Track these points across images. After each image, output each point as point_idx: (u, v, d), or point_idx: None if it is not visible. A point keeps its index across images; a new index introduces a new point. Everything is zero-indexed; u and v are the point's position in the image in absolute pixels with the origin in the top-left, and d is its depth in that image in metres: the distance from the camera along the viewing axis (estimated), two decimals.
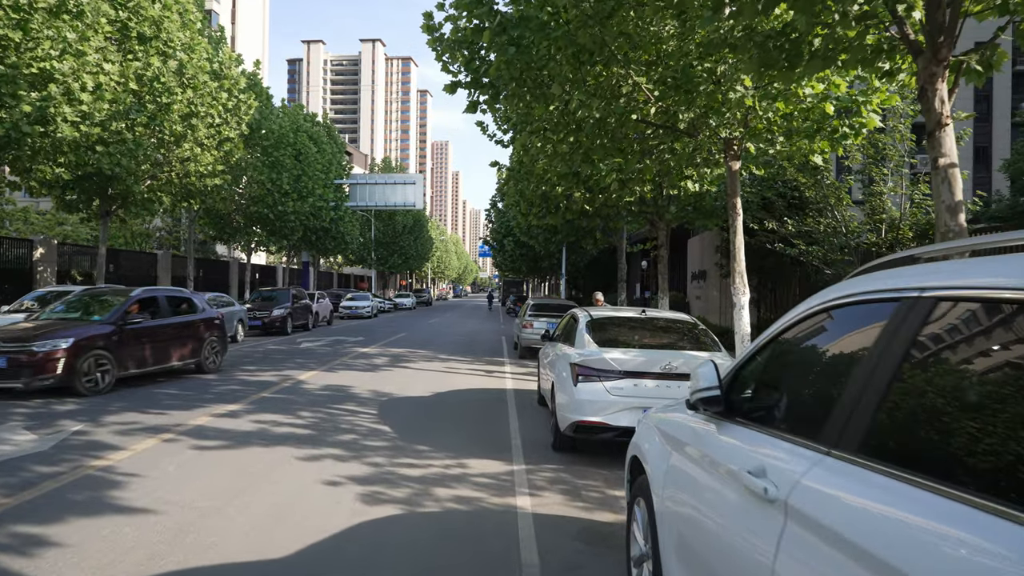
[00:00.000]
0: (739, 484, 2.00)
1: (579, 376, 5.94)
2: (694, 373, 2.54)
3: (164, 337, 10.77)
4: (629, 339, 6.55)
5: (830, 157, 11.39)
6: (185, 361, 11.28)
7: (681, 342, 6.54)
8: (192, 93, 17.50)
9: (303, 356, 14.98)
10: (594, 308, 7.43)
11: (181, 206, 19.58)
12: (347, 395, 9.62)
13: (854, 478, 1.55)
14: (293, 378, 11.25)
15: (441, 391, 10.23)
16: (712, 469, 2.30)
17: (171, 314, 11.24)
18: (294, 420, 7.70)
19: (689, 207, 14.71)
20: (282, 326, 21.97)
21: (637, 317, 6.94)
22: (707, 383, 2.43)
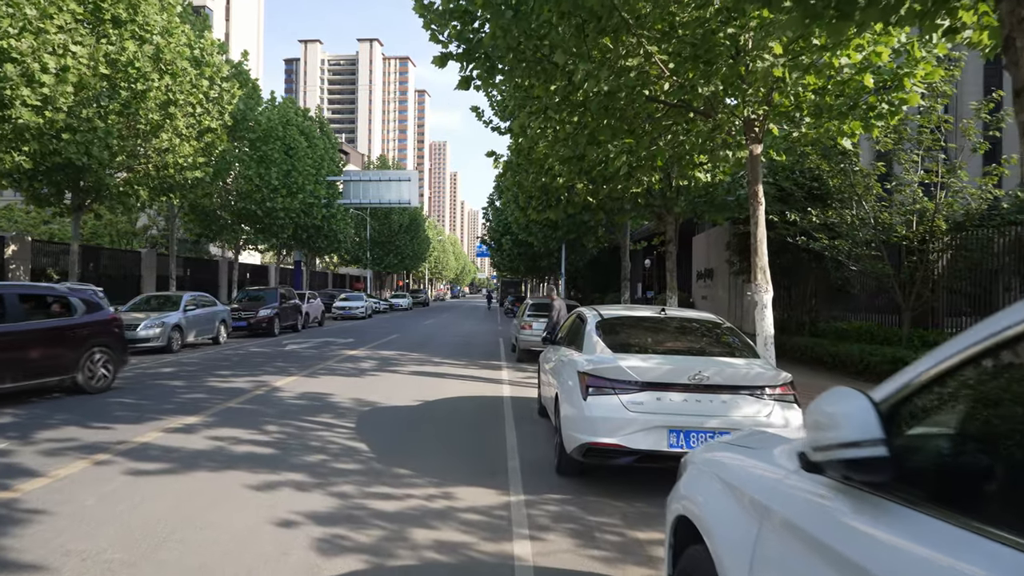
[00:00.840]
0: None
1: (590, 388, 4.92)
2: (819, 412, 1.52)
3: (10, 346, 8.06)
4: (648, 343, 5.53)
5: (857, 142, 10.40)
6: (50, 378, 8.68)
7: (710, 346, 5.52)
8: (170, 80, 16.47)
9: (285, 359, 13.94)
10: (604, 307, 6.42)
11: (159, 201, 18.52)
12: (325, 405, 8.59)
13: None
14: (268, 385, 10.22)
15: (431, 399, 9.21)
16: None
17: (27, 316, 8.60)
18: (257, 436, 6.66)
19: (700, 199, 13.70)
20: (269, 327, 20.94)
21: (655, 317, 5.92)
22: (856, 431, 1.37)
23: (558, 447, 5.52)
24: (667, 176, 13.39)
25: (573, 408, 5.08)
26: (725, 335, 5.68)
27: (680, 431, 4.68)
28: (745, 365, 5.00)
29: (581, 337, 5.80)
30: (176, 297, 17.02)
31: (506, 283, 60.86)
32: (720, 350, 5.41)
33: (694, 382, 4.76)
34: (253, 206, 25.22)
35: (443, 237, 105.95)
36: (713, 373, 4.77)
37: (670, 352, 5.26)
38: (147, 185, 17.41)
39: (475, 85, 8.86)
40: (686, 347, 5.47)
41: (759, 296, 9.20)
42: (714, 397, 4.76)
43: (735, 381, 4.82)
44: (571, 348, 6.13)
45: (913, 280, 10.73)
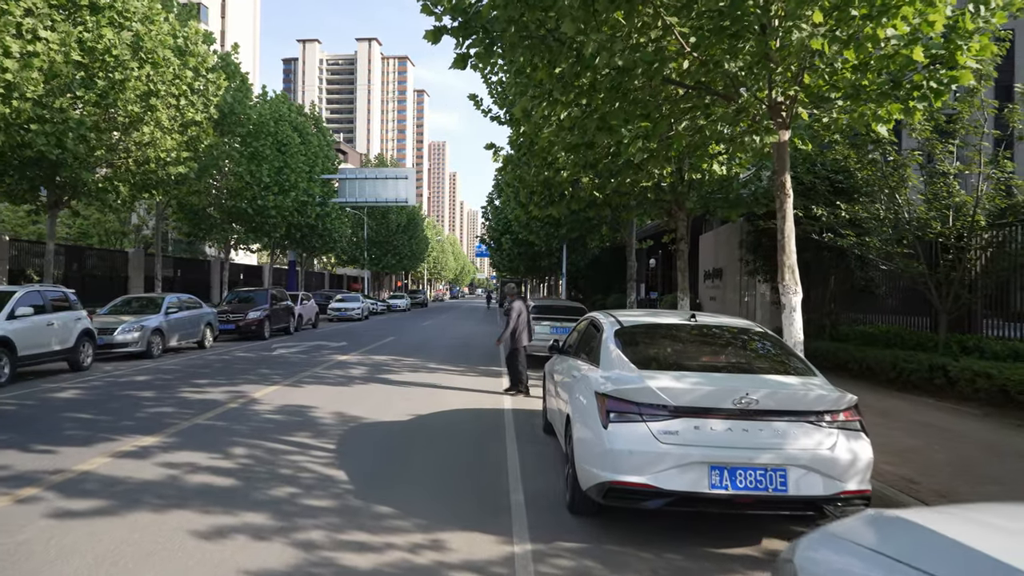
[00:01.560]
0: None
1: (611, 413, 4.02)
2: None
3: None
4: (678, 357, 4.62)
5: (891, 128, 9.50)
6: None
7: (754, 361, 4.62)
8: (151, 70, 15.55)
9: (271, 366, 13.04)
10: (622, 312, 5.52)
11: (141, 198, 17.61)
12: (304, 421, 7.68)
13: None
14: (246, 396, 9.31)
15: (424, 413, 8.31)
16: None
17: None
18: (219, 462, 5.76)
19: (715, 193, 12.80)
20: (258, 330, 20.04)
21: (685, 325, 5.02)
22: None
23: (570, 480, 4.62)
24: (679, 169, 12.50)
25: (590, 437, 4.18)
26: (770, 346, 4.78)
27: (724, 468, 3.78)
28: (800, 384, 4.11)
29: (597, 349, 4.90)
30: (158, 299, 16.13)
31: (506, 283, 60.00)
32: (767, 365, 4.51)
33: (740, 407, 3.86)
34: (244, 204, 24.30)
35: (442, 237, 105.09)
36: (763, 395, 3.88)
37: (707, 369, 4.36)
38: (127, 181, 16.50)
39: (472, 64, 7.96)
40: (726, 362, 4.56)
41: (787, 298, 8.31)
42: (765, 425, 3.87)
43: (790, 405, 3.93)
44: (584, 360, 5.24)
45: (950, 280, 9.83)
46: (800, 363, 4.46)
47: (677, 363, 4.43)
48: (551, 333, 13.31)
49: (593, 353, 5.01)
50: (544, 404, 7.50)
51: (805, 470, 3.79)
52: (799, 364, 4.45)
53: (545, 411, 7.32)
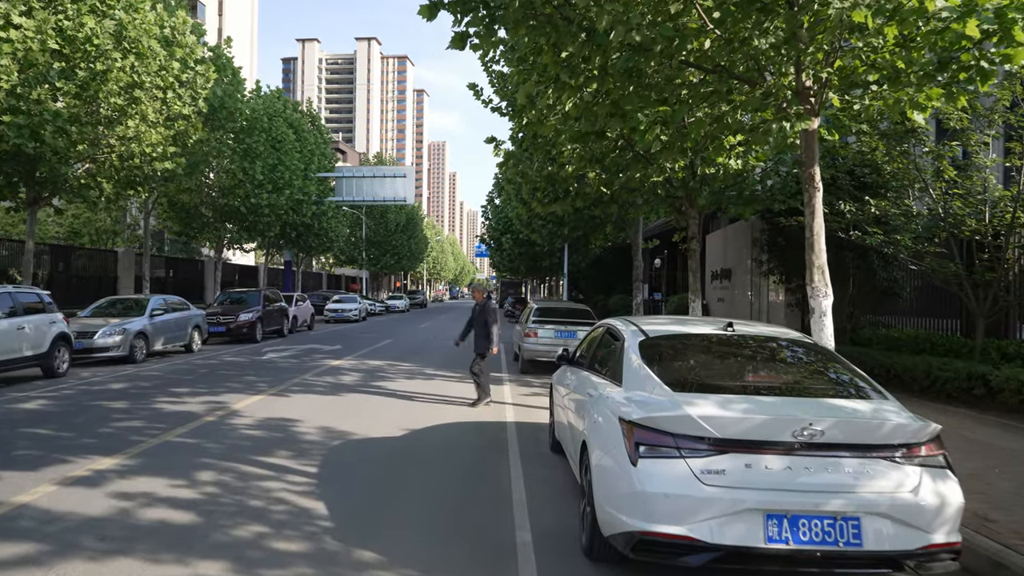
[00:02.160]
0: None
1: (641, 447, 3.29)
2: None
3: None
4: (718, 376, 3.87)
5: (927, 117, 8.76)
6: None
7: (810, 380, 3.88)
8: (135, 60, 14.81)
9: (258, 372, 12.30)
10: (644, 319, 4.80)
11: (126, 194, 16.86)
12: (286, 437, 6.95)
13: None
14: (226, 407, 8.58)
15: (418, 428, 7.57)
16: None
17: None
18: (181, 491, 5.03)
19: (728, 189, 12.06)
20: (250, 333, 19.29)
21: (721, 336, 4.27)
22: None
23: (587, 520, 3.89)
24: (691, 164, 11.77)
25: (613, 473, 3.45)
26: (826, 362, 4.04)
27: (783, 516, 3.05)
28: (872, 411, 3.37)
29: (618, 363, 4.16)
30: (143, 301, 15.41)
31: (506, 283, 59.18)
32: (827, 386, 3.76)
33: (802, 439, 3.13)
34: (236, 202, 23.54)
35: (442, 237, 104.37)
36: (829, 425, 3.14)
37: (755, 391, 3.61)
38: (111, 177, 15.75)
39: (472, 44, 7.23)
40: (778, 383, 3.81)
41: (816, 301, 7.60)
42: (832, 463, 3.14)
43: (863, 437, 3.20)
44: (601, 376, 4.50)
45: (987, 282, 9.11)
46: (865, 383, 3.72)
47: (718, 384, 3.68)
48: (555, 338, 12.58)
49: (613, 368, 4.28)
50: (551, 419, 6.77)
51: (883, 518, 3.07)
52: (864, 384, 3.71)
53: (552, 427, 6.59)
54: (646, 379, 3.73)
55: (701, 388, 3.59)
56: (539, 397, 10.00)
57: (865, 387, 3.67)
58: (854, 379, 3.77)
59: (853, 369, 3.91)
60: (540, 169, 12.68)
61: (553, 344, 12.58)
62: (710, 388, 3.59)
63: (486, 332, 9.34)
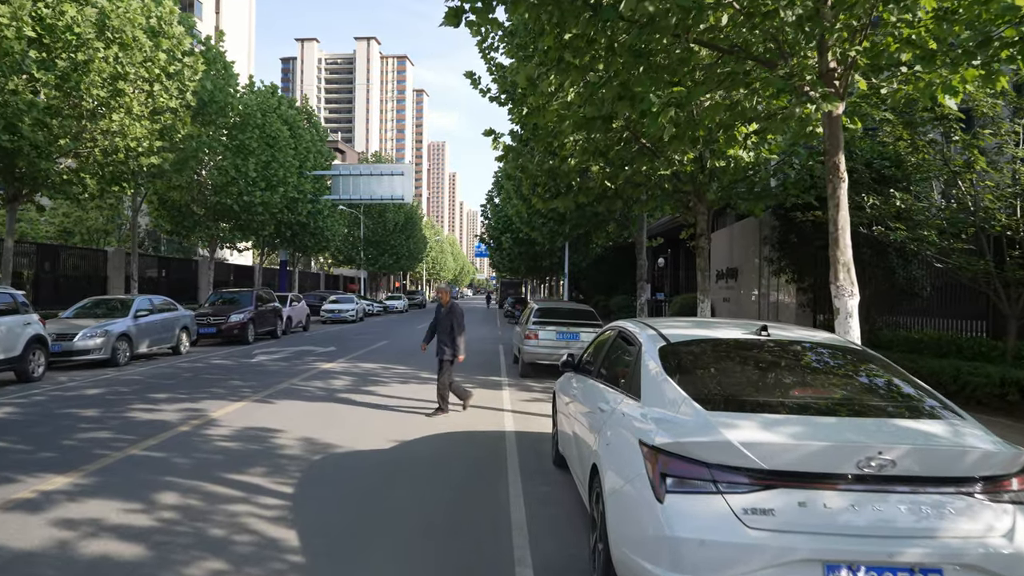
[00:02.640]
0: None
1: (669, 479, 2.68)
2: None
3: None
4: (758, 391, 3.24)
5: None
6: None
7: (870, 397, 3.25)
8: (119, 50, 14.22)
9: (245, 375, 11.69)
10: (663, 321, 4.19)
11: (111, 191, 16.26)
12: (263, 450, 6.34)
13: None
14: (204, 415, 7.97)
15: (409, 439, 6.97)
16: None
17: None
18: (136, 517, 4.42)
19: (740, 183, 11.47)
20: (241, 334, 18.67)
21: (754, 341, 3.65)
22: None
23: (599, 559, 3.28)
24: (700, 156, 11.17)
25: (634, 509, 2.84)
26: (881, 373, 3.42)
27: (848, 568, 2.45)
28: (950, 434, 2.77)
29: (635, 373, 3.55)
30: (128, 301, 14.80)
31: (505, 284, 58.58)
32: (888, 403, 3.14)
33: (868, 471, 2.53)
34: (229, 200, 22.93)
35: (441, 237, 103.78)
36: (901, 454, 2.54)
37: (803, 409, 2.99)
38: (95, 173, 15.16)
39: (468, 21, 6.63)
40: (829, 398, 3.18)
41: (841, 301, 7.01)
42: (907, 500, 2.53)
43: (942, 468, 2.60)
44: (614, 387, 3.90)
45: (1020, 280, 8.51)
46: (935, 399, 3.11)
47: (758, 400, 3.06)
48: (557, 340, 11.98)
49: (628, 378, 3.68)
50: (554, 429, 6.17)
51: (972, 571, 2.46)
52: (934, 401, 3.10)
53: (556, 438, 5.98)
54: (670, 393, 3.12)
55: (738, 405, 2.98)
56: (540, 403, 9.40)
57: (935, 404, 3.06)
58: (920, 394, 3.16)
59: (915, 382, 3.30)
60: (541, 163, 12.07)
61: (555, 347, 11.98)
62: (749, 405, 2.98)
63: (451, 338, 8.56)
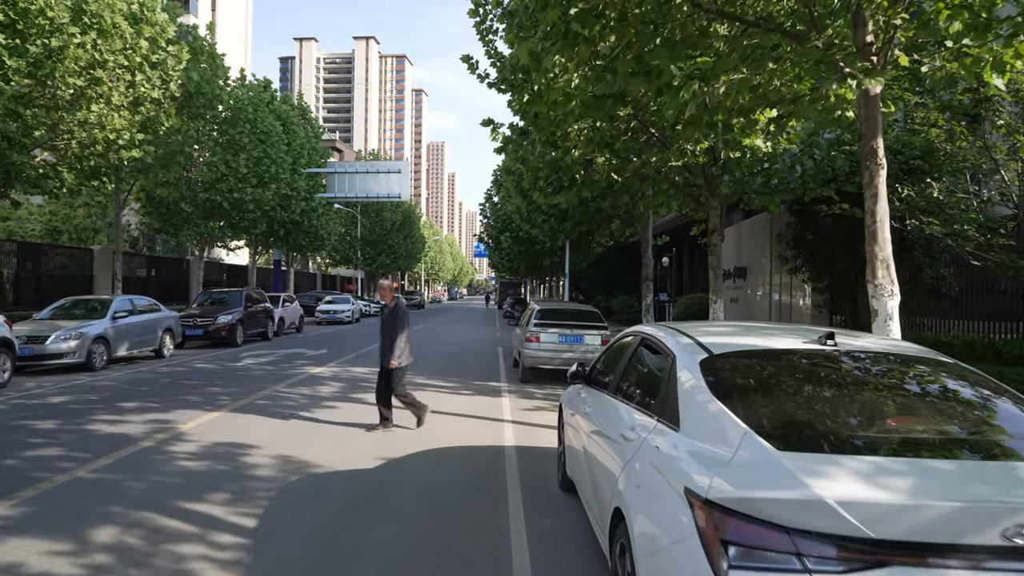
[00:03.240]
0: None
1: (733, 548, 1.94)
2: None
3: None
4: (837, 421, 2.48)
5: None
6: None
7: (988, 430, 2.49)
8: (97, 37, 13.47)
9: (227, 381, 10.94)
10: (695, 327, 3.45)
11: (90, 186, 15.50)
12: (230, 471, 5.59)
13: None
14: (173, 428, 7.22)
15: (397, 456, 6.23)
16: None
17: None
18: (60, 562, 3.68)
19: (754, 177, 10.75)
20: (230, 336, 17.92)
21: (819, 352, 2.90)
22: None
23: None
24: (712, 148, 10.44)
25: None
26: (996, 395, 2.67)
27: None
28: None
29: (670, 393, 2.80)
30: (108, 302, 14.05)
31: (505, 284, 57.82)
32: (1018, 441, 2.39)
33: (1021, 541, 1.79)
34: (219, 197, 22.16)
35: (440, 237, 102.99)
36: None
37: (910, 448, 2.24)
38: (74, 167, 14.41)
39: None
40: (941, 434, 2.42)
41: (880, 301, 6.31)
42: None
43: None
44: (638, 407, 3.15)
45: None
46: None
47: (844, 436, 2.31)
48: (559, 343, 11.25)
49: (660, 398, 2.93)
50: (560, 446, 5.43)
51: None
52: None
53: (563, 458, 5.24)
54: (723, 422, 2.38)
55: (817, 443, 2.23)
56: (543, 412, 8.66)
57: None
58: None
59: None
60: (542, 155, 11.35)
61: (557, 350, 11.25)
62: (833, 443, 2.23)
63: (391, 341, 7.42)
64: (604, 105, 6.18)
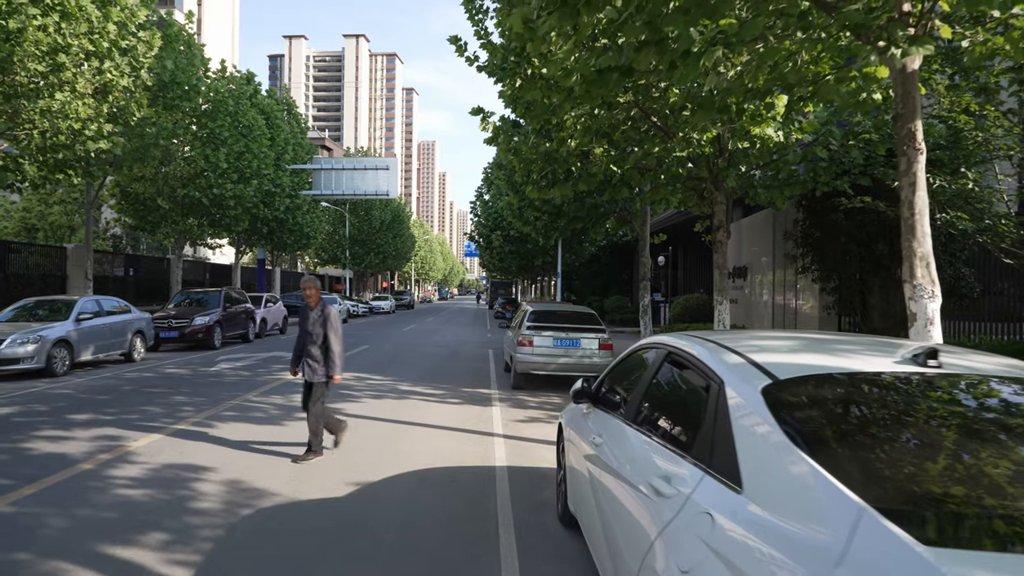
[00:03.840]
0: None
1: None
2: None
3: None
4: (992, 487, 1.72)
5: None
6: None
7: None
8: (59, 20, 12.58)
9: (195, 388, 10.10)
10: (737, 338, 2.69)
11: (54, 179, 14.59)
12: (174, 502, 4.78)
13: None
14: (121, 446, 6.40)
15: (371, 480, 5.44)
16: None
17: None
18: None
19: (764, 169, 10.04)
20: (207, 338, 17.04)
21: (921, 376, 2.15)
22: None
23: None
24: (718, 138, 9.72)
25: None
26: None
27: None
28: None
29: (721, 433, 2.04)
30: (73, 302, 13.16)
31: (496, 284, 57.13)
32: None
33: None
34: (197, 193, 21.24)
35: (430, 236, 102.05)
36: None
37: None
38: (36, 159, 13.51)
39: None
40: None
41: (919, 304, 5.57)
42: None
43: None
44: (673, 447, 2.39)
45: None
46: None
47: (1012, 514, 1.56)
48: (554, 347, 10.50)
49: (706, 440, 2.16)
50: (560, 474, 4.67)
51: None
52: None
53: (563, 488, 4.48)
54: (816, 491, 1.61)
55: (979, 532, 1.47)
56: (538, 424, 7.90)
57: None
58: None
59: None
60: (536, 145, 10.58)
61: (552, 355, 10.50)
62: (1005, 534, 1.46)
63: (324, 351, 6.17)
64: (609, 81, 5.42)
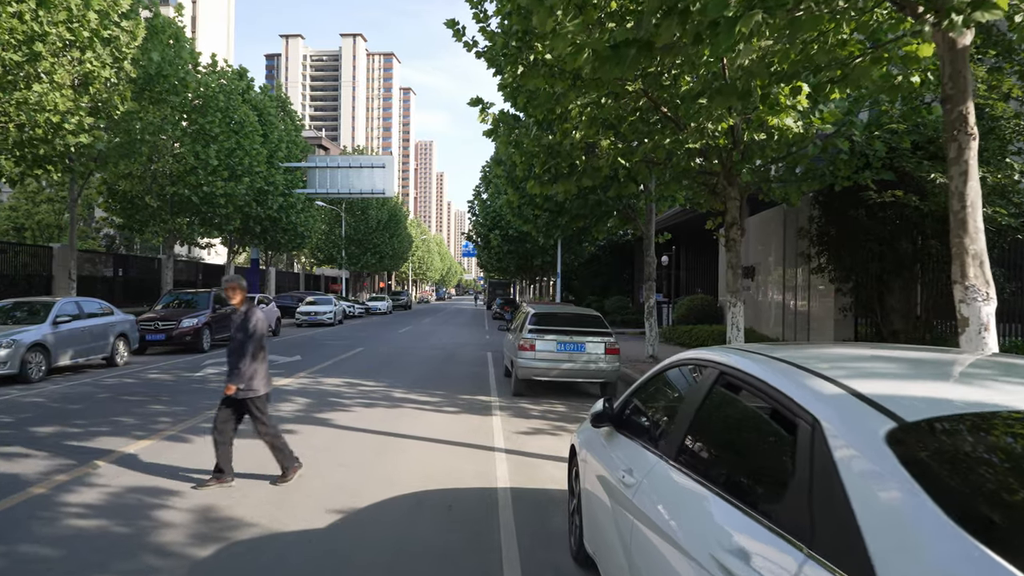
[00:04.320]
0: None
1: None
2: None
3: None
4: None
5: None
6: None
7: None
8: (37, 7, 11.96)
9: (175, 397, 9.48)
10: (813, 354, 2.11)
11: (32, 175, 13.96)
12: (132, 536, 4.17)
13: None
14: (81, 466, 5.78)
15: (359, 506, 4.83)
16: None
17: None
18: None
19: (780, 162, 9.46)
20: (195, 340, 16.42)
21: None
22: None
23: None
24: (732, 129, 9.13)
25: None
26: None
27: None
28: None
29: (831, 499, 1.45)
30: (50, 304, 12.53)
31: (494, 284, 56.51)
32: None
33: None
34: (187, 190, 20.61)
35: (427, 236, 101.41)
36: None
37: None
38: (12, 153, 12.88)
39: None
40: None
41: (972, 307, 5.01)
42: None
43: None
44: (750, 512, 1.79)
45: None
46: None
47: None
48: (558, 351, 9.90)
49: (800, 503, 1.56)
50: (573, 502, 4.07)
51: None
52: None
53: (577, 519, 3.88)
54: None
55: None
56: (542, 437, 7.31)
57: None
58: None
59: None
60: (538, 137, 9.99)
61: (555, 360, 9.90)
62: None
63: (239, 356, 5.30)
64: (625, 58, 4.81)
